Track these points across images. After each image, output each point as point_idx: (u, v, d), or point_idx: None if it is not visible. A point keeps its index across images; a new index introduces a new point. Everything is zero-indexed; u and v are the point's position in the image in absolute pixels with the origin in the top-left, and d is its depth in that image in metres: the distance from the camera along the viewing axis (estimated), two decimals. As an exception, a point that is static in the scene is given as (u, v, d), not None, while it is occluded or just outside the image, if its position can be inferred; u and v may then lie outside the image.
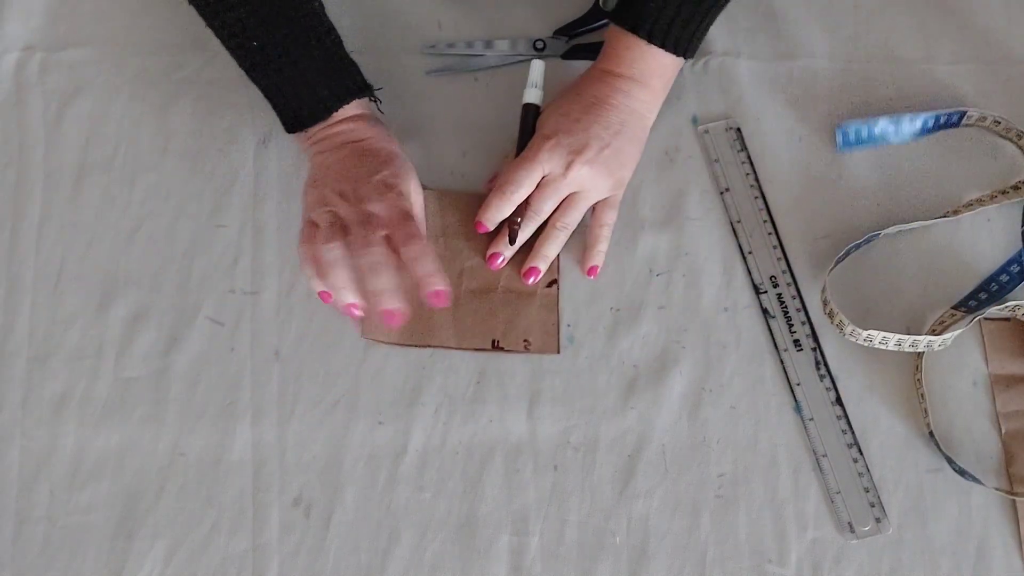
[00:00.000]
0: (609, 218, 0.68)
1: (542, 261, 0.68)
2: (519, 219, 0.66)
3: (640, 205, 0.71)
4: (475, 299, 0.68)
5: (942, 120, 0.71)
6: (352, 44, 0.75)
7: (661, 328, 0.68)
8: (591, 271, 0.68)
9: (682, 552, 0.64)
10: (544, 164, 0.65)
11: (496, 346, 0.67)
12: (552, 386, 0.67)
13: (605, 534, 0.64)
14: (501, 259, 0.68)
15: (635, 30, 0.65)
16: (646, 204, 0.71)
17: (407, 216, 0.62)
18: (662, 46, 0.65)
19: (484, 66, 0.74)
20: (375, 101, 0.68)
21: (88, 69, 0.74)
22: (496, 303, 0.68)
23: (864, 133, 0.70)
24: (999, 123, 0.71)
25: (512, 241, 0.67)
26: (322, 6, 0.66)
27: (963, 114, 0.71)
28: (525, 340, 0.67)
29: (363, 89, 0.66)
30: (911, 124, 0.70)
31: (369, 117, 0.67)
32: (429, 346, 0.67)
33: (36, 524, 0.65)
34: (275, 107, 0.66)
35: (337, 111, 0.65)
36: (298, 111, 0.65)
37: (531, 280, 0.68)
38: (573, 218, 0.67)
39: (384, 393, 0.67)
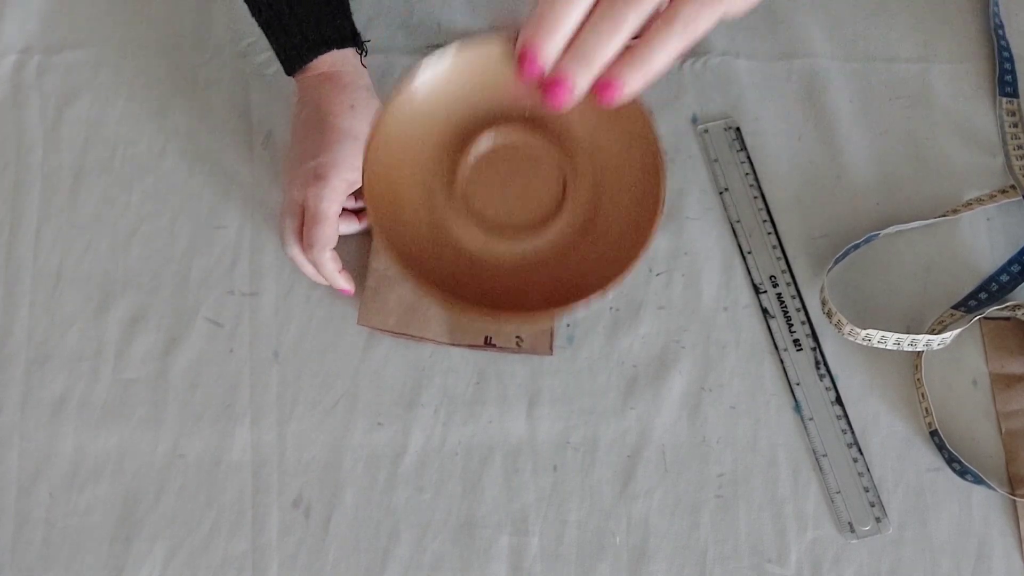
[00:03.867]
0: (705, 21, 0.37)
1: (641, 75, 0.37)
2: None
3: (639, 205, 0.71)
4: None
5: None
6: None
7: (661, 328, 0.68)
8: (610, 91, 0.37)
9: (682, 552, 0.64)
10: None
11: (488, 343, 0.67)
12: (552, 386, 0.67)
13: (605, 534, 0.64)
14: (622, 90, 0.37)
15: None
16: (645, 204, 0.71)
17: (318, 219, 0.62)
18: None
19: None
20: (361, 54, 0.66)
21: (86, 71, 0.74)
22: None
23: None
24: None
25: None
26: None
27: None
28: (517, 337, 0.67)
29: (343, 39, 0.64)
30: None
31: (345, 80, 0.64)
32: (423, 339, 0.67)
33: (35, 526, 0.65)
34: (272, 48, 0.65)
35: (313, 60, 0.63)
36: (280, 55, 0.65)
37: (612, 96, 0.37)
38: (704, 19, 0.37)
39: (383, 394, 0.67)
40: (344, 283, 0.66)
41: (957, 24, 0.75)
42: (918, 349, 0.66)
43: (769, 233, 0.70)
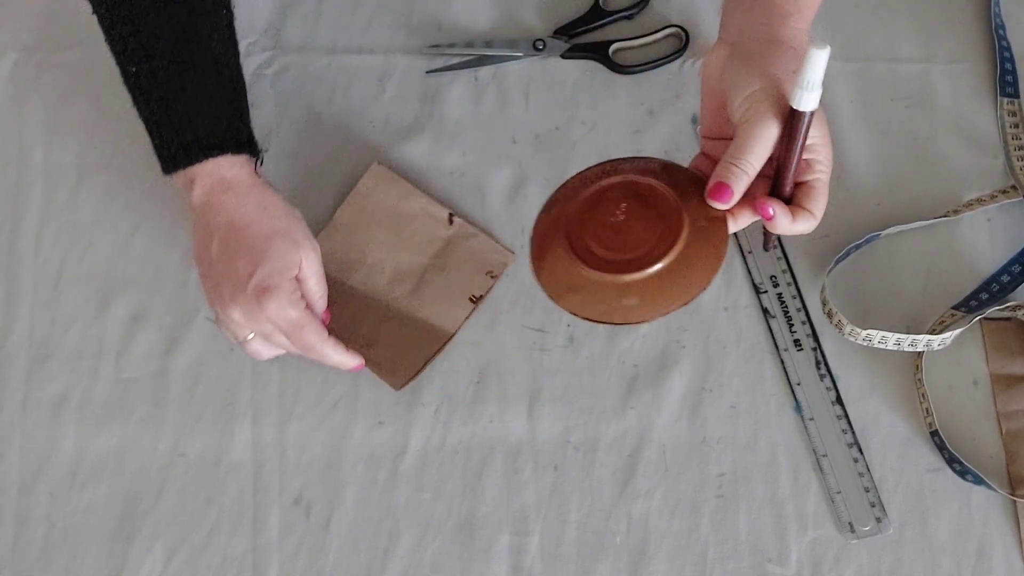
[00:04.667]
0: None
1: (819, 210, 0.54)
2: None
3: (640, 205, 0.71)
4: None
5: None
6: (353, 44, 0.75)
7: (661, 328, 0.68)
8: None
9: (682, 552, 0.64)
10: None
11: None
12: (552, 386, 0.67)
13: (605, 534, 0.64)
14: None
15: None
16: (646, 204, 0.71)
17: (296, 324, 0.59)
18: None
19: (484, 66, 0.74)
20: (256, 161, 0.62)
21: (87, 70, 0.74)
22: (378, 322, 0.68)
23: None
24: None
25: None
26: (227, 47, 0.62)
27: None
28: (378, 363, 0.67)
29: (239, 145, 0.60)
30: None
31: (245, 185, 0.60)
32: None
33: (36, 525, 0.65)
34: (152, 143, 0.60)
35: (201, 162, 0.59)
36: (162, 151, 0.60)
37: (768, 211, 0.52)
38: None
39: (384, 393, 0.67)
40: (353, 360, 0.63)
41: (958, 24, 0.75)
42: (918, 349, 0.66)
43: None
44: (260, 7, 0.75)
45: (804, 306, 0.68)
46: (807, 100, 0.48)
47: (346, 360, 0.63)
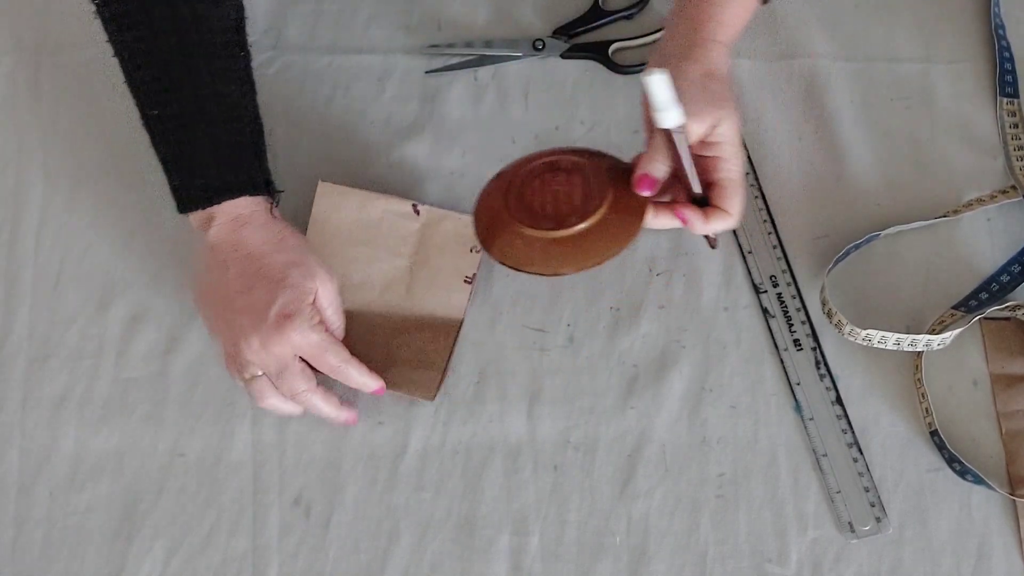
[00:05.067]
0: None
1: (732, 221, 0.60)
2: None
3: (640, 205, 0.71)
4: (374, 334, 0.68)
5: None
6: (353, 44, 0.75)
7: (661, 328, 0.68)
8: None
9: (682, 552, 0.64)
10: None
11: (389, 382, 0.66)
12: (552, 386, 0.67)
13: (605, 534, 0.64)
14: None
15: None
16: (646, 204, 0.71)
17: (320, 347, 0.60)
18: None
19: (484, 66, 0.74)
20: (273, 202, 0.64)
21: (87, 70, 0.74)
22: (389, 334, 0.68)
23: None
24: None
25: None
26: (245, 91, 0.64)
27: None
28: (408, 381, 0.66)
29: (256, 187, 0.62)
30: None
31: (261, 220, 0.62)
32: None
33: (36, 525, 0.65)
34: (168, 183, 0.62)
35: (218, 204, 0.61)
36: (180, 192, 0.62)
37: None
38: None
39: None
40: (375, 383, 0.64)
41: (958, 24, 0.75)
42: (918, 349, 0.66)
43: (769, 233, 0.70)
44: (260, 7, 0.75)
45: (804, 306, 0.68)
46: (664, 120, 0.53)
47: (369, 382, 0.63)
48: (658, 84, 0.53)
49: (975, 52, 0.75)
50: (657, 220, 0.60)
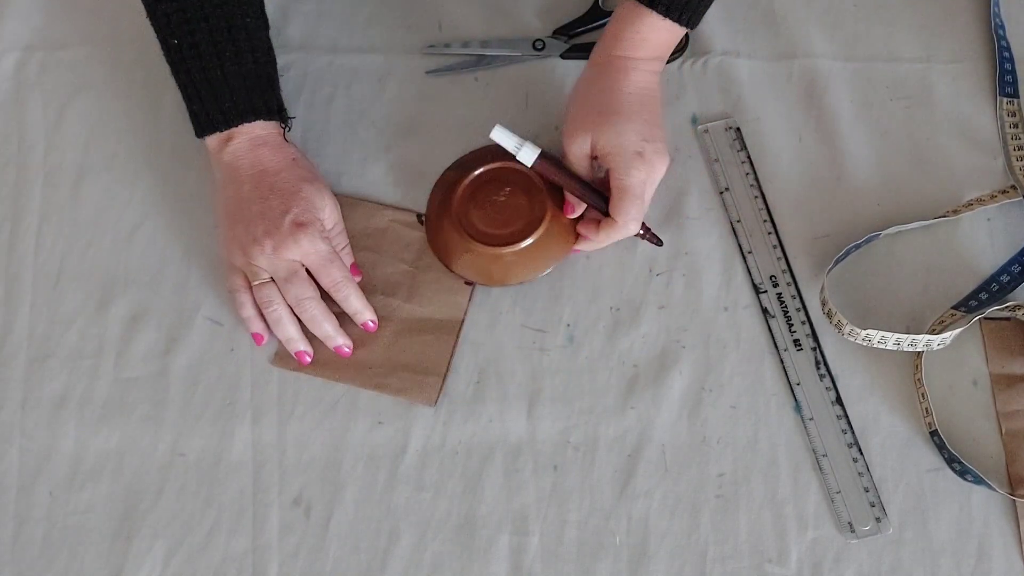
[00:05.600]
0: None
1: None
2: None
3: (640, 205, 0.71)
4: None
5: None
6: (353, 44, 0.75)
7: (661, 328, 0.68)
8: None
9: (682, 552, 0.64)
10: (640, 187, 0.64)
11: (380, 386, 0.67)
12: (552, 386, 0.67)
13: (605, 534, 0.64)
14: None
15: (654, 7, 0.64)
16: (646, 204, 0.71)
17: (327, 258, 0.64)
18: (678, 20, 0.64)
19: (484, 66, 0.74)
20: (285, 128, 0.68)
21: (88, 68, 0.74)
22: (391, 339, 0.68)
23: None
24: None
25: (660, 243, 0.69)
26: (260, 24, 0.67)
27: None
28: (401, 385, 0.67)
29: (271, 112, 0.66)
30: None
31: (277, 141, 0.67)
32: (340, 381, 0.67)
33: (36, 525, 0.65)
34: (187, 108, 0.66)
35: (237, 127, 0.65)
36: (200, 117, 0.65)
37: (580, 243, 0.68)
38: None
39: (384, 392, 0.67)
40: (369, 314, 0.67)
41: (958, 24, 0.75)
42: (918, 349, 0.66)
43: (769, 233, 0.70)
44: (260, 7, 0.75)
45: (804, 306, 0.68)
46: (522, 157, 0.65)
47: (363, 311, 0.66)
48: (499, 136, 0.65)
49: (975, 52, 0.75)
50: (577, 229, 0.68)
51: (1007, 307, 0.67)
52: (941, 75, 0.74)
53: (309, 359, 0.66)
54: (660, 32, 0.65)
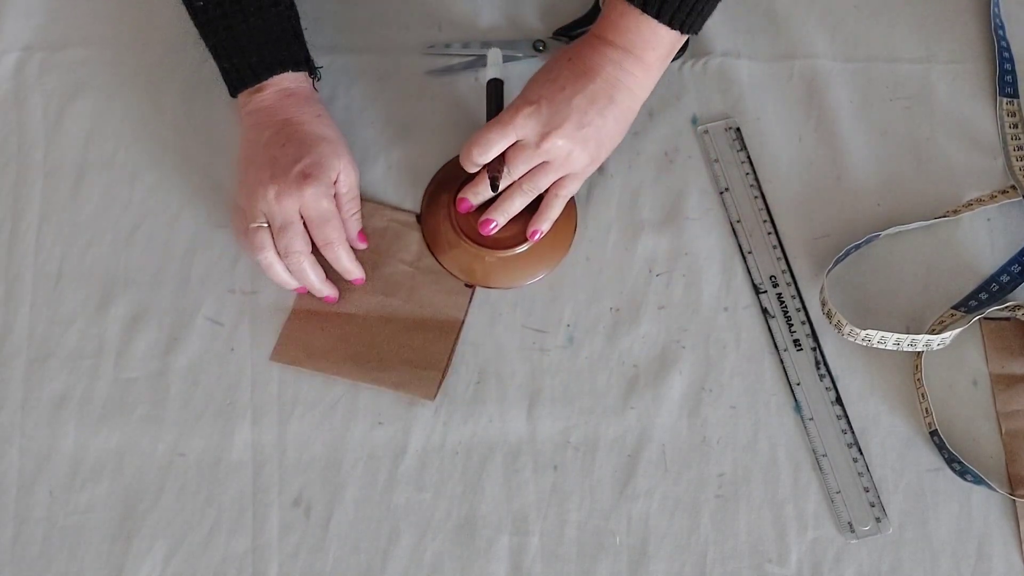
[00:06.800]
0: (569, 189, 0.67)
1: (501, 215, 0.67)
2: (500, 169, 0.65)
3: (640, 205, 0.71)
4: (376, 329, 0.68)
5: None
6: (353, 44, 0.75)
7: (661, 328, 0.68)
8: (532, 234, 0.67)
9: (682, 552, 0.64)
10: (519, 130, 0.63)
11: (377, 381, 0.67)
12: (552, 386, 0.67)
13: (605, 534, 0.64)
14: (493, 225, 0.67)
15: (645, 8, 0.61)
16: (646, 204, 0.71)
17: (325, 216, 0.65)
18: (656, 16, 0.62)
19: (484, 66, 0.74)
20: (314, 78, 0.70)
21: (88, 68, 0.74)
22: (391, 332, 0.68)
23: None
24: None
25: (493, 188, 0.65)
26: None
27: None
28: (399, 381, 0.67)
29: (298, 63, 0.68)
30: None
31: (305, 95, 0.68)
32: (339, 376, 0.67)
33: (36, 525, 0.65)
34: (219, 68, 0.68)
35: (267, 80, 0.67)
36: (232, 74, 0.67)
37: (487, 229, 0.67)
38: (540, 184, 0.66)
39: (383, 393, 0.67)
40: (358, 271, 0.68)
41: (958, 25, 0.75)
42: (918, 349, 0.66)
43: (769, 233, 0.70)
44: (260, 7, 0.75)
45: (804, 306, 0.68)
46: (492, 72, 0.70)
47: (353, 269, 0.67)
48: (494, 57, 0.69)
49: (975, 52, 0.75)
50: None
51: (1007, 307, 0.67)
52: (941, 75, 0.74)
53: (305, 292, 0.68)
54: (628, 18, 0.62)
